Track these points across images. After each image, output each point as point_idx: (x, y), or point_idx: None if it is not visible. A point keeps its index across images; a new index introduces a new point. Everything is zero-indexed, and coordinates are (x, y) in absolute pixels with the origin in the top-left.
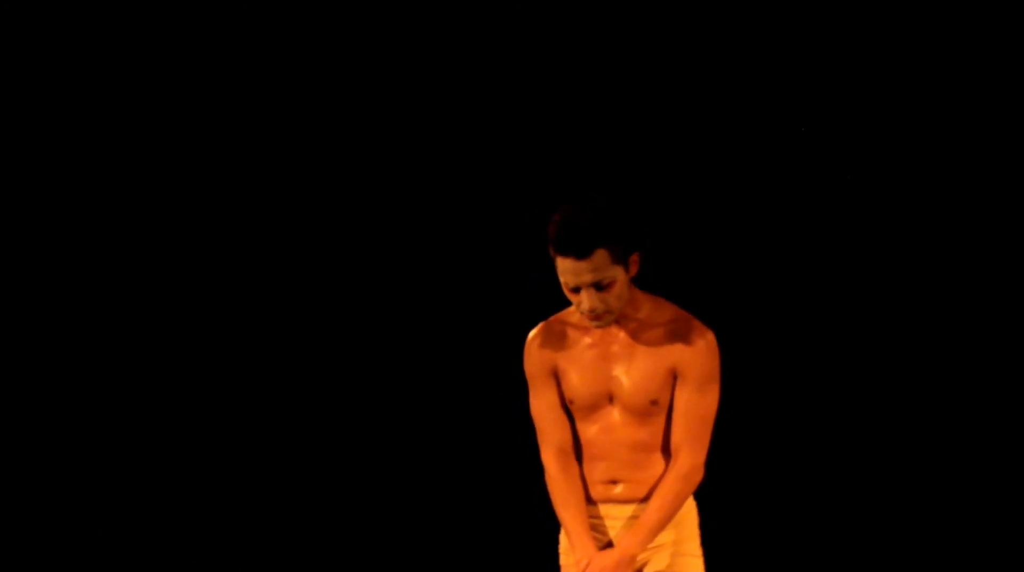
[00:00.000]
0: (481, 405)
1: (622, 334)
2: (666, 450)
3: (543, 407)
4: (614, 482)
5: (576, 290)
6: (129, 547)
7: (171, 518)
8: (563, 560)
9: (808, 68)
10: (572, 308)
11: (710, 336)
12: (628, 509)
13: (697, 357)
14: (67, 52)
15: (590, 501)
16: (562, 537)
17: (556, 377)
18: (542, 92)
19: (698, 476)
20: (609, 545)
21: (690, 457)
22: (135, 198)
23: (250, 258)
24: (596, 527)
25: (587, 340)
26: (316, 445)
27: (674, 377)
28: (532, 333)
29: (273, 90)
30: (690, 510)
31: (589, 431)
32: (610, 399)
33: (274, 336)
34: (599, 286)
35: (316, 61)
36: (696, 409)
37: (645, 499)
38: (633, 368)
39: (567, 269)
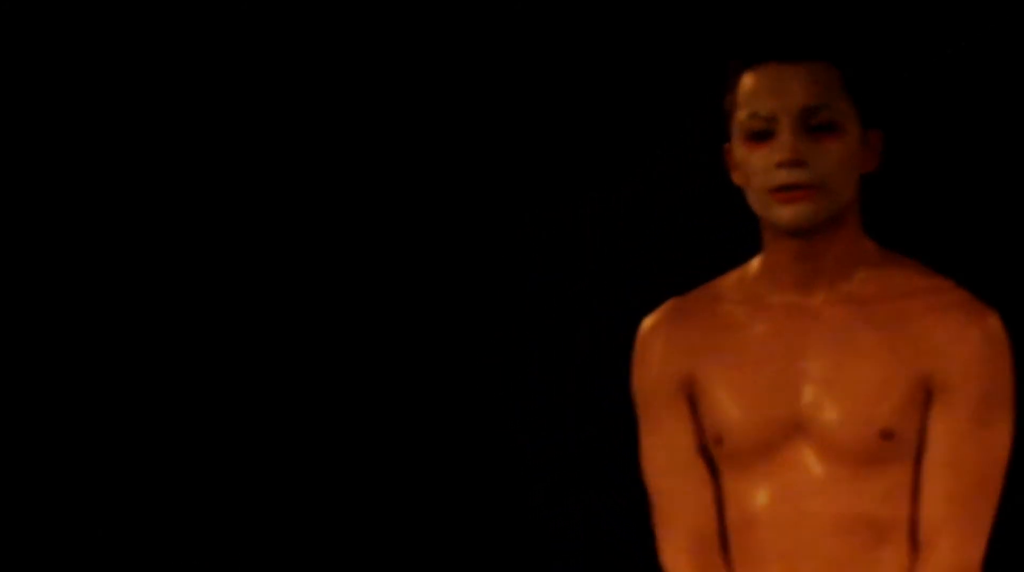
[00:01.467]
0: (481, 408)
1: (827, 310)
2: (909, 535)
3: (665, 457)
4: None
5: (764, 136)
6: (129, 547)
7: (170, 518)
8: None
9: None
10: (726, 276)
11: (994, 322)
12: None
13: (973, 360)
14: (67, 52)
15: None
16: None
17: (692, 399)
18: (544, 92)
19: None
20: None
21: (955, 549)
22: (129, 197)
23: (249, 258)
24: None
25: (758, 327)
26: (315, 446)
27: (927, 394)
28: (649, 320)
29: (270, 90)
30: None
31: (755, 499)
32: (798, 433)
33: (273, 336)
34: (811, 121)
35: (314, 60)
36: (971, 457)
37: None
38: (845, 374)
39: (763, 84)
